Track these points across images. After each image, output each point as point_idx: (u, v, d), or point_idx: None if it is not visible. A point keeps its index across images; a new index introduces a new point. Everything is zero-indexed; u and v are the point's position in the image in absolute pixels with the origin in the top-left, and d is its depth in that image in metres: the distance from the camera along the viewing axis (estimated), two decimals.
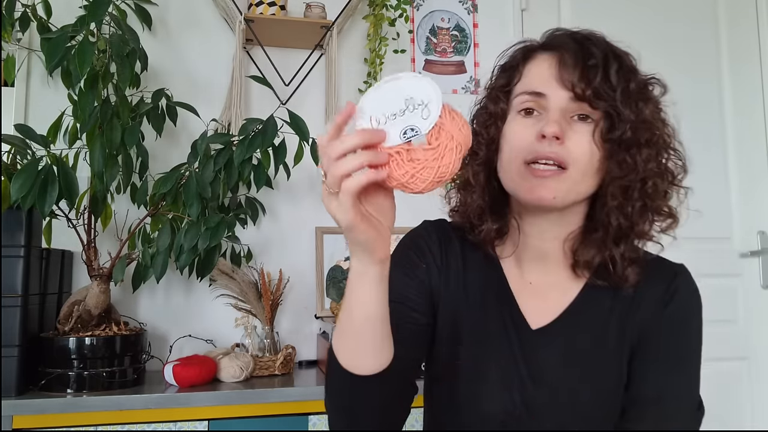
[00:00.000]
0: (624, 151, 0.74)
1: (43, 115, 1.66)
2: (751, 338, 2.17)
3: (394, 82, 0.59)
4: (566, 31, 0.80)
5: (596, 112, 0.75)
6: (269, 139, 1.43)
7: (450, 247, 0.86)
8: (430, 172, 0.58)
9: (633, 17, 2.20)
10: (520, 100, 0.78)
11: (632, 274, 0.78)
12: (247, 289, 1.67)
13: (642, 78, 0.79)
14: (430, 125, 0.58)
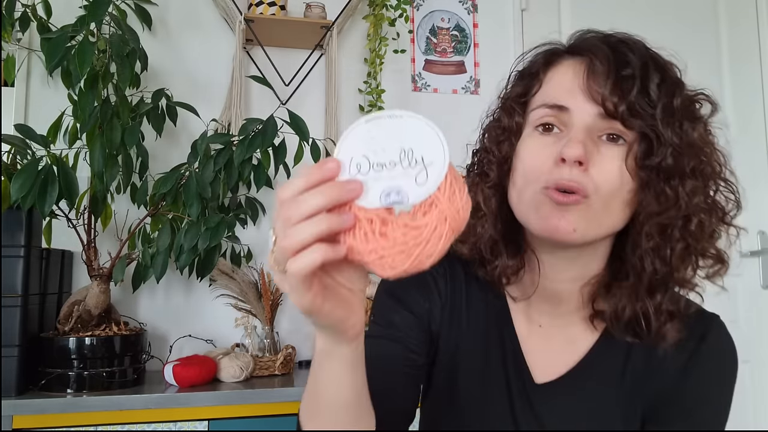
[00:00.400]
0: (664, 181, 0.61)
1: (43, 115, 1.66)
2: (751, 338, 2.17)
3: (395, 120, 0.45)
4: (598, 34, 0.67)
5: (630, 133, 0.62)
6: (269, 139, 1.43)
7: (455, 282, 0.75)
8: (406, 259, 0.43)
9: (633, 17, 2.20)
10: (539, 114, 0.66)
11: (671, 332, 0.65)
12: (247, 289, 1.67)
13: (688, 93, 0.66)
14: (423, 195, 0.43)
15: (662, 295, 0.64)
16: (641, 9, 2.21)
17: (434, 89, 2.05)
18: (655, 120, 0.61)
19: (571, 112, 0.63)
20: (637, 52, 0.64)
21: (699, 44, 2.25)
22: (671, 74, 0.65)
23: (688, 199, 0.61)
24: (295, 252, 0.42)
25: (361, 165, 0.44)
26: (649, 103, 0.61)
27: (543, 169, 0.63)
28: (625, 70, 0.62)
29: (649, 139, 0.61)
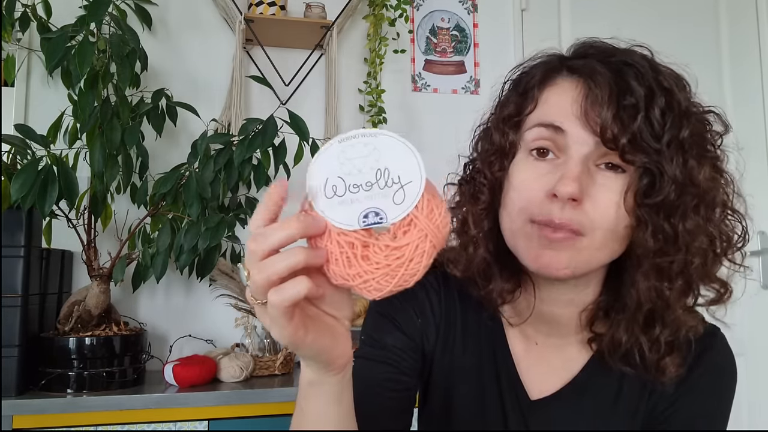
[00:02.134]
0: (664, 219, 0.57)
1: (43, 115, 1.66)
2: (750, 338, 2.17)
3: (368, 139, 0.44)
4: (600, 49, 0.63)
5: (632, 165, 0.58)
6: (269, 139, 1.43)
7: (449, 299, 0.73)
8: (390, 280, 0.43)
9: (633, 17, 2.20)
10: (533, 134, 0.62)
11: (671, 366, 0.62)
12: None
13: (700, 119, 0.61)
14: (401, 214, 0.43)
15: (660, 328, 0.61)
16: (641, 9, 2.21)
17: (434, 89, 2.05)
18: (659, 155, 0.56)
19: (568, 136, 0.59)
20: (641, 77, 0.58)
21: (699, 44, 2.25)
22: (678, 99, 0.59)
23: (689, 238, 0.58)
24: (271, 285, 0.41)
25: (336, 186, 0.43)
26: (652, 136, 0.56)
27: (534, 202, 0.59)
28: (627, 99, 0.57)
29: (652, 174, 0.57)
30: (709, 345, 0.67)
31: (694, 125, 0.59)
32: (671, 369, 0.62)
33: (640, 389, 0.67)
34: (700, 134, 0.60)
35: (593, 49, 0.63)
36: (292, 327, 0.42)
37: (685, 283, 0.60)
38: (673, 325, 0.61)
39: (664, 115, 0.57)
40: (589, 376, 0.68)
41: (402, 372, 0.69)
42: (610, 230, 0.58)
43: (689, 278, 0.60)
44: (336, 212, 0.43)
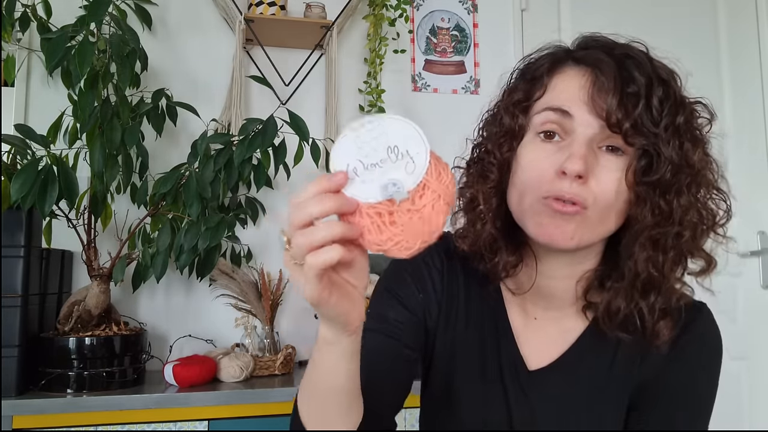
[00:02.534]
0: (660, 195, 0.63)
1: (43, 115, 1.66)
2: (750, 338, 2.17)
3: (376, 123, 0.51)
4: (601, 42, 0.68)
5: (632, 147, 0.63)
6: (269, 139, 1.43)
7: (452, 276, 0.78)
8: (417, 238, 0.50)
9: (632, 16, 2.20)
10: (542, 118, 0.67)
11: (665, 329, 0.67)
12: (247, 289, 1.67)
13: (691, 107, 0.67)
14: (415, 181, 0.50)
15: (656, 295, 0.67)
16: (641, 8, 2.21)
17: (434, 89, 2.05)
18: (657, 138, 0.62)
19: (575, 119, 0.64)
20: (642, 67, 0.64)
21: (698, 43, 2.25)
22: (674, 89, 0.66)
23: (681, 213, 0.64)
24: (311, 249, 0.48)
25: (357, 168, 0.50)
26: (652, 121, 0.63)
27: (543, 179, 0.65)
28: (630, 87, 0.63)
29: (650, 155, 0.63)
30: (696, 317, 0.73)
31: (688, 113, 0.66)
32: (665, 332, 0.68)
33: (632, 356, 0.72)
34: (692, 121, 0.66)
35: (595, 42, 0.69)
36: (321, 287, 0.50)
37: (676, 254, 0.66)
38: (666, 293, 0.67)
39: (662, 103, 0.63)
40: (585, 346, 0.73)
41: (403, 344, 0.73)
42: (610, 206, 0.64)
43: (680, 250, 0.66)
44: (360, 190, 0.50)
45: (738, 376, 2.15)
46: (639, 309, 0.67)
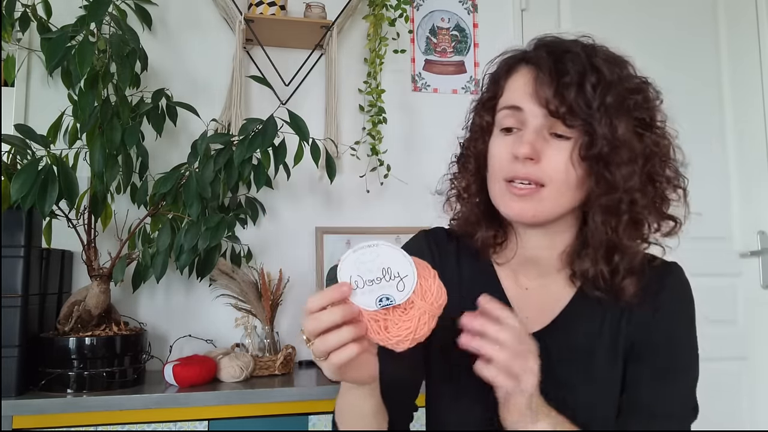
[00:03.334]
0: (603, 168, 0.74)
1: (43, 115, 1.66)
2: (750, 338, 2.17)
3: (372, 249, 0.64)
4: (547, 42, 0.80)
5: (574, 129, 0.74)
6: (269, 139, 1.42)
7: (446, 257, 0.89)
8: (405, 342, 0.64)
9: (632, 17, 2.20)
10: (501, 115, 0.80)
11: (630, 286, 0.78)
12: (247, 289, 1.67)
13: (624, 87, 0.76)
14: (404, 298, 0.63)
15: (619, 257, 0.77)
16: (640, 9, 2.21)
17: (434, 89, 2.05)
18: (592, 118, 0.73)
19: (525, 112, 0.76)
20: (576, 59, 0.75)
21: (699, 44, 2.25)
22: (607, 74, 0.75)
23: (624, 183, 0.73)
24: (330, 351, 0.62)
25: (357, 282, 0.63)
26: (585, 104, 0.73)
27: (503, 165, 0.77)
28: (565, 78, 0.73)
29: (590, 134, 0.73)
30: (670, 271, 0.83)
31: (620, 93, 0.75)
32: (630, 289, 0.78)
33: (619, 314, 0.81)
34: (627, 99, 0.75)
35: (542, 43, 0.80)
36: (339, 371, 0.65)
37: (631, 219, 0.76)
38: (628, 254, 0.77)
39: (595, 87, 0.73)
40: (575, 310, 0.82)
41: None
42: (563, 181, 0.75)
43: (635, 215, 0.76)
44: (361, 300, 0.63)
45: (738, 376, 2.15)
46: (602, 271, 0.78)
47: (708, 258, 2.16)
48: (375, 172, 1.95)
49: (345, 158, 1.93)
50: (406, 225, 1.93)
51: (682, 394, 0.80)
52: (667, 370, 0.79)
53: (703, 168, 2.21)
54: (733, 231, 2.22)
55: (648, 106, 0.78)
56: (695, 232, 2.45)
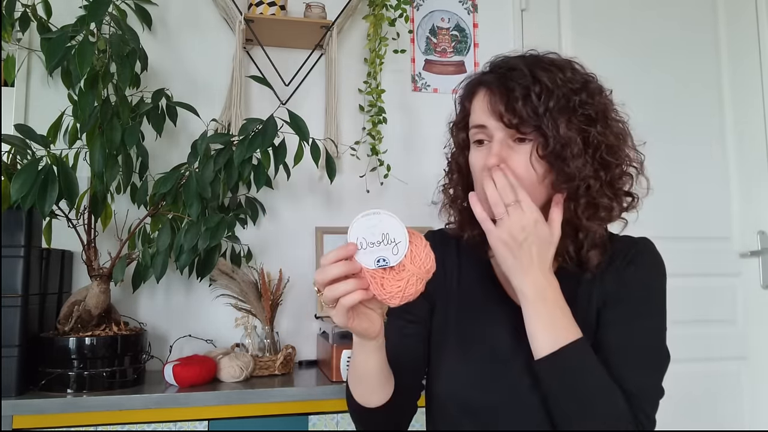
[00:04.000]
0: (560, 162, 0.85)
1: (43, 115, 1.66)
2: (750, 338, 2.17)
3: (377, 216, 0.75)
4: (496, 63, 0.93)
5: (530, 134, 0.86)
6: (269, 139, 1.43)
7: (448, 253, 1.02)
8: (396, 299, 0.75)
9: (632, 17, 2.20)
10: (472, 133, 0.92)
11: (594, 257, 0.91)
12: (247, 289, 1.67)
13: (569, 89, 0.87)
14: (396, 261, 0.74)
15: (583, 234, 0.90)
16: (640, 9, 2.21)
17: (434, 89, 2.05)
18: (541, 123, 0.84)
19: (489, 128, 0.89)
20: (522, 75, 0.86)
21: (698, 44, 2.25)
22: (547, 84, 0.86)
23: (579, 172, 0.85)
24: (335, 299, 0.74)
25: (362, 243, 0.75)
26: (533, 111, 0.84)
27: (480, 174, 0.89)
28: (513, 93, 0.85)
29: (542, 136, 0.85)
30: (638, 244, 0.95)
31: (564, 95, 0.86)
32: (594, 260, 0.91)
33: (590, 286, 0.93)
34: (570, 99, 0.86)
35: (493, 65, 0.94)
36: (346, 318, 0.76)
37: (588, 202, 0.87)
38: (588, 230, 0.89)
39: (539, 96, 0.85)
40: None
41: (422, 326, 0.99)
42: (530, 179, 0.86)
43: (591, 199, 0.87)
44: (362, 258, 0.75)
45: (738, 376, 2.15)
46: (568, 247, 0.91)
47: (708, 258, 2.16)
48: (375, 172, 1.95)
49: (345, 158, 1.93)
50: (406, 225, 1.92)
51: (652, 332, 0.89)
52: (636, 313, 0.89)
53: (703, 168, 2.21)
54: (733, 231, 2.22)
55: (593, 101, 0.88)
56: (695, 232, 2.45)
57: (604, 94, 0.92)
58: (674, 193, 2.15)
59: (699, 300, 2.12)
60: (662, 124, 2.16)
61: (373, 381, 0.89)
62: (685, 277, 2.09)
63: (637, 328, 0.88)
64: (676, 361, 0.90)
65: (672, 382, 0.90)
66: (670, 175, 2.15)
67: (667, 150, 2.16)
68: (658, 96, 2.17)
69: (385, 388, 0.91)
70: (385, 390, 0.91)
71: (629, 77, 2.14)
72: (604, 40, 2.16)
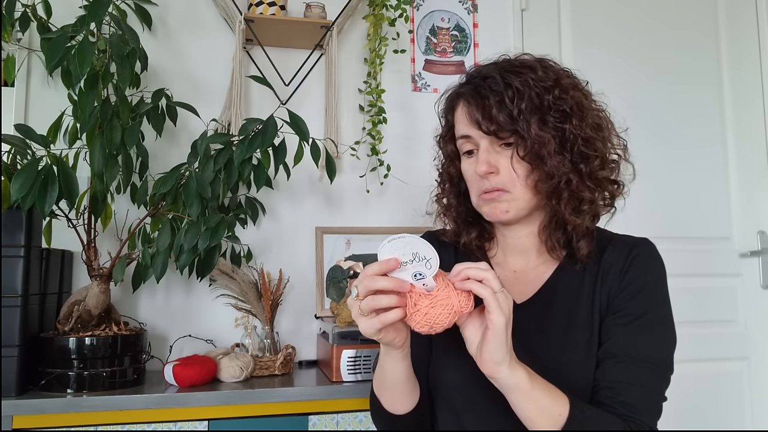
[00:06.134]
0: (539, 161, 0.88)
1: (43, 115, 1.66)
2: (751, 338, 2.17)
3: (402, 239, 0.77)
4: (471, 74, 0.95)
5: (511, 138, 0.89)
6: (269, 139, 1.42)
7: (444, 251, 1.04)
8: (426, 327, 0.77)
9: (632, 17, 2.20)
10: (460, 143, 0.96)
11: (583, 247, 0.93)
12: (247, 289, 1.67)
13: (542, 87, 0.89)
14: (432, 273, 0.76)
15: (571, 227, 0.92)
16: (640, 9, 2.21)
17: (434, 89, 2.05)
18: (517, 126, 0.87)
19: (473, 138, 0.93)
20: (495, 83, 0.89)
21: (699, 44, 2.25)
22: (518, 87, 0.88)
23: (557, 170, 0.88)
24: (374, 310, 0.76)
25: None
26: (510, 116, 0.87)
27: (474, 182, 0.95)
28: (488, 101, 0.89)
29: (521, 138, 0.88)
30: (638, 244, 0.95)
31: (536, 95, 0.88)
32: (584, 249, 0.93)
33: (593, 284, 0.93)
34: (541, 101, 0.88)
35: (468, 76, 0.96)
36: (375, 330, 0.78)
37: (570, 196, 0.90)
38: (573, 223, 0.91)
39: (513, 100, 0.87)
40: (557, 281, 0.96)
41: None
42: (519, 182, 0.90)
43: (572, 192, 0.89)
44: (399, 275, 0.77)
45: (739, 375, 2.15)
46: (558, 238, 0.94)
47: (708, 258, 2.16)
48: (375, 172, 1.95)
49: (345, 158, 1.93)
50: (406, 225, 1.93)
51: (657, 341, 0.88)
52: (640, 318, 0.89)
53: (704, 168, 2.21)
54: (733, 231, 2.22)
55: (567, 96, 0.90)
56: (695, 232, 2.45)
57: (579, 87, 0.93)
58: (675, 194, 2.15)
59: (699, 300, 2.12)
60: (662, 125, 2.16)
61: (401, 388, 0.91)
62: (686, 277, 2.09)
63: (641, 340, 0.87)
64: (678, 361, 0.90)
65: (673, 383, 0.90)
66: (671, 175, 2.16)
67: (667, 150, 2.16)
68: (659, 96, 2.17)
69: (413, 395, 0.92)
70: (413, 396, 0.92)
71: (629, 77, 2.14)
72: (605, 40, 2.16)
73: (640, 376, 0.85)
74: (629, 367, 0.86)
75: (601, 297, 0.92)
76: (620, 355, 0.87)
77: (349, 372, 1.47)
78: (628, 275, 0.91)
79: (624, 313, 0.89)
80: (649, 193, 2.09)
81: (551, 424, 0.79)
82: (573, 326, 0.91)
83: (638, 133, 2.20)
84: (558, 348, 0.90)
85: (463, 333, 0.81)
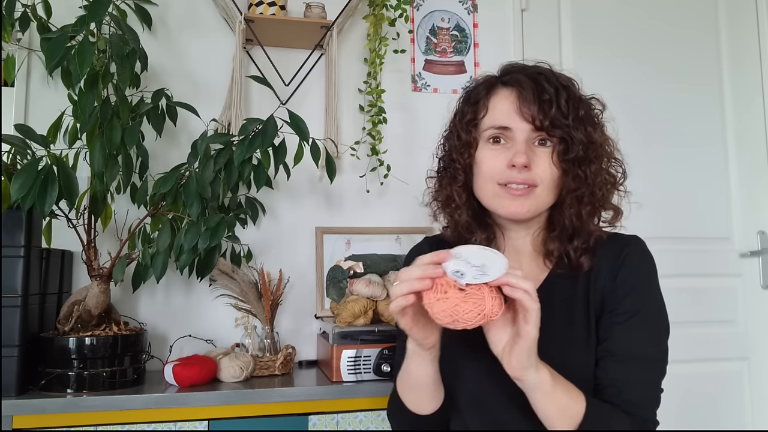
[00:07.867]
0: (577, 167, 0.90)
1: (43, 115, 1.66)
2: (751, 338, 2.17)
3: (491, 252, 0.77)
4: (520, 67, 0.95)
5: (553, 138, 0.90)
6: (269, 139, 1.42)
7: None
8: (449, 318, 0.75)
9: (632, 17, 2.20)
10: (490, 133, 0.94)
11: (585, 262, 0.95)
12: (247, 289, 1.67)
13: (587, 102, 0.94)
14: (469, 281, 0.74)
15: (579, 240, 0.94)
16: (640, 10, 2.21)
17: (434, 89, 2.05)
18: (568, 128, 0.89)
19: (513, 130, 0.91)
20: (550, 80, 0.91)
21: (699, 44, 2.25)
22: (573, 92, 0.92)
23: (593, 178, 0.91)
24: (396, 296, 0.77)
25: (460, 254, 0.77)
26: (563, 116, 0.89)
27: (497, 171, 0.93)
28: (544, 96, 0.89)
29: (566, 141, 0.90)
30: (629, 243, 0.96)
31: (586, 106, 0.93)
32: (585, 265, 0.94)
33: (586, 284, 0.95)
34: (590, 111, 0.94)
35: (513, 68, 0.96)
36: (405, 321, 0.80)
37: (592, 207, 0.93)
38: (586, 236, 0.94)
39: (568, 102, 0.90)
40: (552, 283, 0.97)
41: None
42: (549, 181, 0.92)
43: (594, 204, 0.93)
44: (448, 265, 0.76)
45: (739, 375, 2.15)
46: (567, 250, 0.94)
47: (708, 258, 2.16)
48: (375, 172, 1.95)
49: (345, 158, 1.93)
50: (406, 225, 1.93)
51: (652, 336, 0.91)
52: (634, 315, 0.91)
53: (704, 168, 2.21)
54: (733, 231, 2.22)
55: (598, 115, 0.96)
56: (695, 232, 2.45)
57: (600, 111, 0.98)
58: (675, 194, 2.15)
59: (699, 300, 2.12)
60: (662, 124, 2.16)
61: (426, 390, 0.91)
62: (686, 277, 2.09)
63: (638, 338, 0.90)
64: (678, 361, 0.91)
65: (673, 383, 0.91)
66: (671, 175, 2.16)
67: (667, 150, 2.16)
68: (659, 95, 2.16)
69: (437, 397, 0.93)
70: (437, 398, 0.93)
71: (629, 77, 2.14)
72: (605, 40, 2.16)
73: (640, 373, 0.88)
74: (629, 365, 0.88)
75: (595, 296, 0.94)
76: (619, 353, 0.89)
77: (349, 372, 1.47)
78: (620, 275, 0.93)
79: (618, 312, 0.91)
80: (649, 192, 2.09)
81: (569, 424, 0.82)
82: (571, 325, 0.93)
83: (638, 132, 2.21)
84: (558, 347, 0.91)
85: (488, 335, 0.82)
